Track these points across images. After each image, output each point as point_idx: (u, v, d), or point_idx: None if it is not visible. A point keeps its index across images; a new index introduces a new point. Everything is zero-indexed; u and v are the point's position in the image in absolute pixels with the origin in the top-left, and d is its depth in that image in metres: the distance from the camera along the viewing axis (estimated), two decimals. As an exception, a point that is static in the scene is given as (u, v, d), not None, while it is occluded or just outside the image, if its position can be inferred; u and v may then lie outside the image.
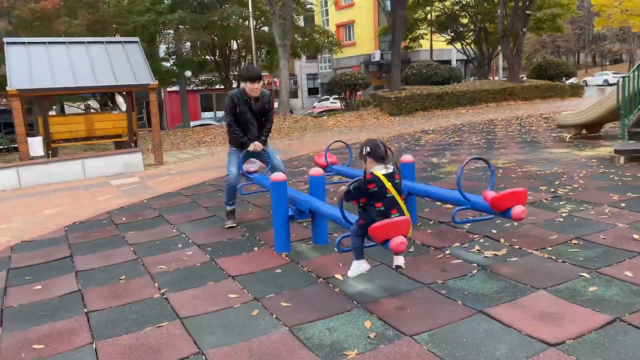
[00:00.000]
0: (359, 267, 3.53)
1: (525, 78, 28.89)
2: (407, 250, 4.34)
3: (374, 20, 42.67)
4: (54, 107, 22.03)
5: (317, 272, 4.05)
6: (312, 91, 52.59)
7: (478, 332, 2.93)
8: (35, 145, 10.25)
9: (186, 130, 19.27)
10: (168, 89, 33.25)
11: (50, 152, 10.53)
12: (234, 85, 24.81)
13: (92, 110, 20.90)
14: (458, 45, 31.85)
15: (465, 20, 31.23)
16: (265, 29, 24.07)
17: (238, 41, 22.80)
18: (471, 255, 4.16)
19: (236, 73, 25.22)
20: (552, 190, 6.06)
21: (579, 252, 4.01)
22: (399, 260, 3.51)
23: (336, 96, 34.20)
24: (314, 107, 38.17)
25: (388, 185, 3.31)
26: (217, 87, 28.48)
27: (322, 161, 6.08)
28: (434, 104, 20.29)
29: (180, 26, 20.65)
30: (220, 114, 39.63)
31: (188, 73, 26.49)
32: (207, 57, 24.25)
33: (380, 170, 3.35)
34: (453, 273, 3.81)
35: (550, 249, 4.14)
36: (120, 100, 12.12)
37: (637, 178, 6.40)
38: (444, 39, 33.05)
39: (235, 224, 5.57)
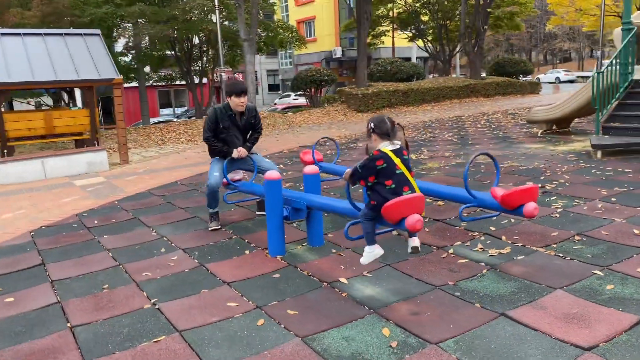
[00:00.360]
0: (371, 252, 3.34)
1: (484, 75, 29.42)
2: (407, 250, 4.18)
3: (334, 17, 42.58)
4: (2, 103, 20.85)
5: (319, 275, 3.83)
6: (273, 88, 52.09)
7: (504, 336, 2.78)
8: (-11, 144, 9.56)
9: (148, 128, 18.60)
10: (125, 85, 32.14)
11: (5, 151, 9.85)
12: (196, 80, 24.18)
13: (44, 107, 19.89)
14: (420, 42, 32.11)
15: (425, 18, 31.51)
16: (226, 23, 23.53)
17: (200, 36, 22.18)
18: (476, 254, 4.03)
19: (197, 68, 24.58)
20: (540, 185, 6.03)
21: (584, 249, 3.94)
22: (415, 242, 3.35)
23: (299, 92, 34.09)
24: (275, 104, 37.73)
25: (397, 161, 3.14)
26: (178, 82, 27.74)
27: (308, 158, 5.85)
28: (400, 101, 20.33)
29: (139, 20, 19.91)
30: (180, 110, 38.73)
31: (147, 68, 25.67)
32: (168, 52, 23.51)
33: (387, 147, 3.17)
34: (462, 273, 3.66)
35: (555, 246, 4.06)
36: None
37: (619, 173, 6.46)
38: (406, 36, 33.28)
39: (219, 226, 5.27)
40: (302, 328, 3.04)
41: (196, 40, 23.04)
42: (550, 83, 47.77)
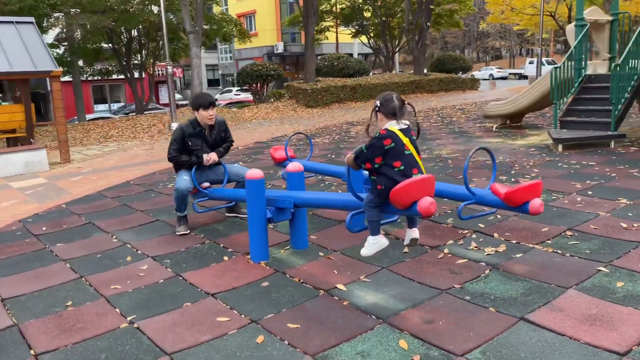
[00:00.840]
0: (376, 243, 3.09)
1: (427, 72, 29.96)
2: (401, 251, 3.97)
3: (275, 11, 42.08)
4: None
5: (312, 282, 3.53)
6: (212, 83, 50.84)
7: (532, 343, 2.60)
8: None
9: (86, 124, 17.51)
10: (56, 79, 30.19)
11: None
12: (136, 75, 23.04)
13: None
14: (363, 38, 32.26)
15: (368, 14, 31.68)
16: (167, 14, 22.52)
17: (140, 28, 21.09)
18: (472, 253, 3.86)
19: (137, 62, 23.42)
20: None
21: (580, 245, 3.86)
22: (416, 233, 3.18)
23: (240, 88, 33.34)
24: (216, 100, 36.78)
25: (405, 140, 2.92)
26: (115, 77, 26.37)
27: (280, 155, 5.52)
28: (348, 96, 20.24)
29: (73, 9, 18.66)
30: (116, 106, 36.93)
31: (80, 62, 24.20)
32: (104, 44, 22.23)
33: (393, 126, 2.94)
34: (465, 275, 3.48)
35: (550, 242, 3.96)
36: None
37: (585, 166, 6.55)
38: (349, 31, 33.35)
39: (188, 231, 4.85)
40: (309, 344, 2.74)
41: (135, 33, 21.92)
42: (484, 79, 49.58)
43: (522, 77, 44.99)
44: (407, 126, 3.00)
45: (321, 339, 2.78)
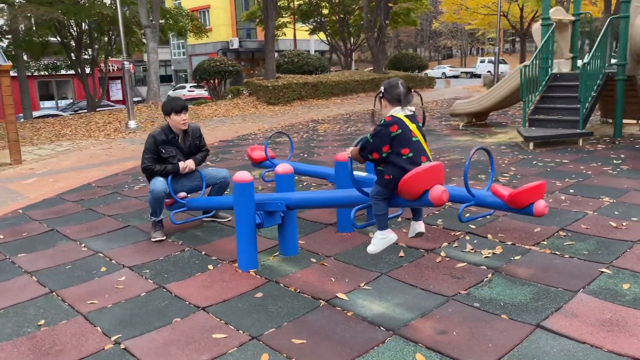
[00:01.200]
0: (384, 238, 2.94)
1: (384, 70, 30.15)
2: (397, 255, 3.83)
3: (230, 6, 41.35)
4: None
5: (310, 292, 3.32)
6: (165, 79, 49.41)
7: (554, 353, 2.49)
8: None
9: (36, 122, 16.57)
10: (-2, 74, 28.56)
11: None
12: (87, 70, 22.04)
13: None
14: (322, 35, 32.12)
15: (326, 11, 31.55)
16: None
17: (91, 21, 20.15)
18: (471, 256, 3.75)
19: (87, 57, 22.40)
20: (494, 179, 5.96)
21: (576, 245, 3.82)
22: (422, 226, 3.06)
23: (195, 84, 32.50)
24: (168, 96, 35.78)
25: (412, 127, 2.78)
26: (63, 72, 25.18)
27: (258, 155, 5.28)
28: (310, 94, 20.04)
29: (18, 0, 17.63)
30: (64, 102, 35.34)
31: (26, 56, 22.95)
32: (52, 38, 21.14)
33: (399, 112, 2.79)
34: (468, 280, 3.36)
35: (545, 243, 3.90)
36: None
37: (559, 164, 6.62)
38: (307, 28, 33.12)
39: (164, 237, 4.54)
40: (320, 362, 2.54)
41: (86, 26, 20.96)
42: (438, 78, 50.53)
43: (474, 75, 46.02)
44: (412, 112, 2.86)
45: (332, 356, 2.58)
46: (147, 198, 4.90)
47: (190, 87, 34.53)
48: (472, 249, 3.87)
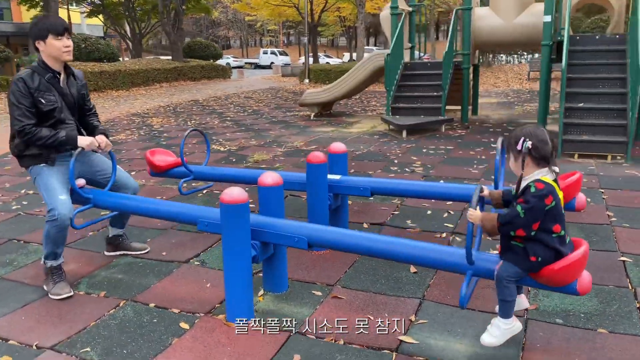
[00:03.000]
0: (510, 327, 2.27)
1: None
2: (407, 270, 3.22)
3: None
4: None
5: (361, 341, 2.50)
6: None
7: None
8: None
9: None
10: None
11: None
12: None
13: None
14: (103, 19, 28.74)
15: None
16: None
17: None
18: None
19: None
20: (407, 170, 5.72)
21: (578, 235, 3.71)
22: (526, 303, 2.51)
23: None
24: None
25: (561, 195, 2.18)
26: None
27: (163, 160, 4.10)
28: (107, 84, 17.60)
29: None
30: None
31: None
32: None
33: (547, 176, 2.16)
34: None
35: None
36: None
37: (449, 150, 6.72)
38: (79, 10, 29.28)
39: (71, 291, 3.09)
40: None
41: None
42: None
43: (258, 66, 46.86)
44: (557, 174, 2.24)
45: None
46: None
47: None
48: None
